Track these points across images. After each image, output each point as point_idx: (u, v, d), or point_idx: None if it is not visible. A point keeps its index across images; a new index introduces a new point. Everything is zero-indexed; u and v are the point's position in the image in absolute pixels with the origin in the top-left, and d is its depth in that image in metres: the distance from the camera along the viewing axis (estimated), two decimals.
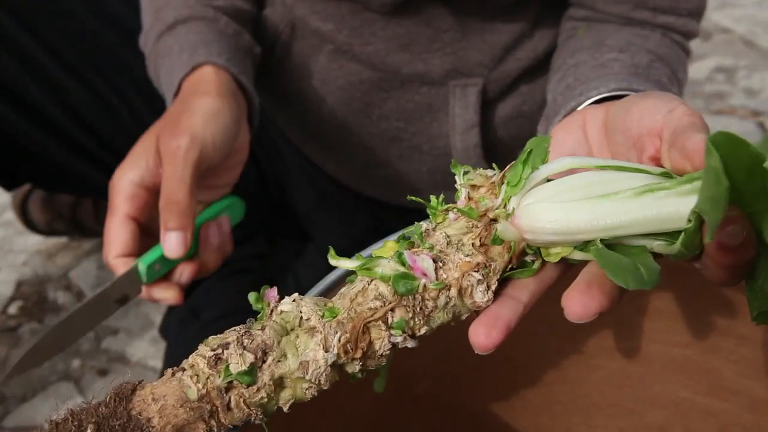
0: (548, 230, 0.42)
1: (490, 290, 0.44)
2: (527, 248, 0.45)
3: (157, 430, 0.40)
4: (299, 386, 0.43)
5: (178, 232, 0.63)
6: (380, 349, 0.43)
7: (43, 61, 0.86)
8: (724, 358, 0.62)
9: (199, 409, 0.41)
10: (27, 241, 1.32)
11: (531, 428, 0.69)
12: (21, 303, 1.23)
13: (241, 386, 0.41)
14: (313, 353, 0.42)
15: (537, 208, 0.43)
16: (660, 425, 0.67)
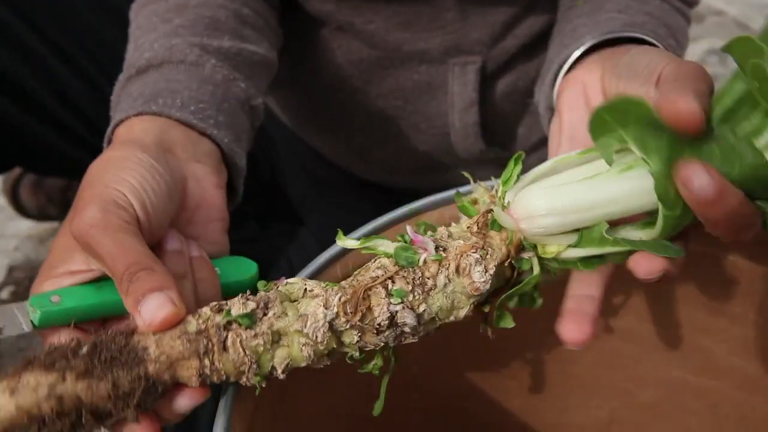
0: (541, 211, 0.44)
1: (487, 273, 0.45)
2: (524, 242, 0.46)
3: (152, 358, 0.41)
4: (296, 342, 0.43)
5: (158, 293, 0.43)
6: (379, 316, 0.44)
7: (35, 46, 0.86)
8: (716, 337, 0.63)
9: (195, 342, 0.42)
10: (18, 226, 1.32)
11: (524, 409, 0.69)
12: (13, 288, 1.23)
13: (240, 327, 0.43)
14: (313, 309, 0.44)
15: (529, 194, 0.45)
16: (652, 404, 0.67)
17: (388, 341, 0.45)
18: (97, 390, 0.40)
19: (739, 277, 0.60)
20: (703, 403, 0.66)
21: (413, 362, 0.65)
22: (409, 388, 0.65)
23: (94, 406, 0.40)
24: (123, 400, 0.40)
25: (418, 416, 0.67)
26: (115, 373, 0.40)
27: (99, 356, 0.40)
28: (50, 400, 0.39)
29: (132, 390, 0.40)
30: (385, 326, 0.44)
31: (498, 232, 0.46)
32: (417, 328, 0.45)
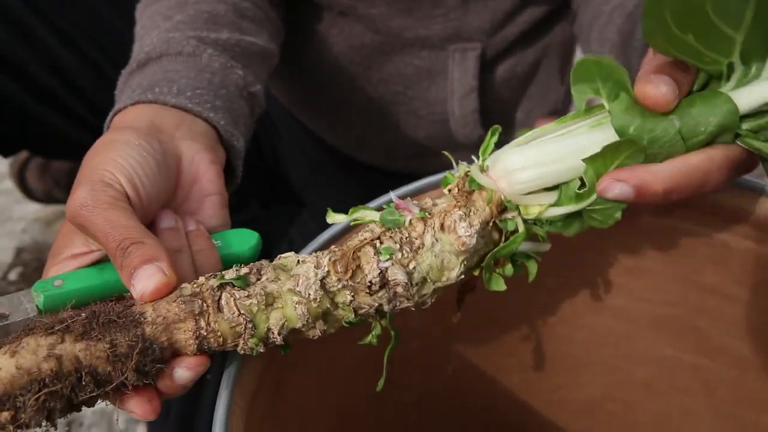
0: (516, 165, 0.46)
1: (472, 227, 0.45)
2: (506, 203, 0.47)
3: (149, 321, 0.42)
4: (290, 301, 0.44)
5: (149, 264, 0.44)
6: (370, 273, 0.45)
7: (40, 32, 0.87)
8: (710, 316, 0.64)
9: (190, 304, 0.43)
10: (26, 209, 1.33)
11: (519, 386, 0.70)
12: (21, 269, 1.24)
13: (234, 288, 0.44)
14: (304, 269, 0.45)
15: (505, 154, 0.47)
16: (645, 382, 0.68)
17: (382, 303, 0.46)
18: (95, 350, 0.40)
19: (732, 258, 0.60)
20: (696, 381, 0.66)
21: (412, 338, 0.66)
22: (407, 365, 0.66)
23: (93, 368, 0.40)
24: (121, 361, 0.40)
25: (416, 393, 0.68)
26: (113, 334, 0.41)
27: (97, 320, 0.41)
28: (49, 361, 0.39)
29: (129, 351, 0.41)
30: (377, 284, 0.45)
31: (479, 193, 0.47)
32: (410, 289, 0.46)
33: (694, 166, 0.44)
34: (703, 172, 0.45)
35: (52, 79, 0.89)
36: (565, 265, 0.64)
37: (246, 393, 0.49)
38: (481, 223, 0.46)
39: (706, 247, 0.61)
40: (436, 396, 0.69)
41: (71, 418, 1.06)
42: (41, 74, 0.88)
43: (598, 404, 0.70)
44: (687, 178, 0.44)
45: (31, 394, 0.39)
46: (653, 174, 0.44)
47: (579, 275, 0.65)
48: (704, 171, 0.45)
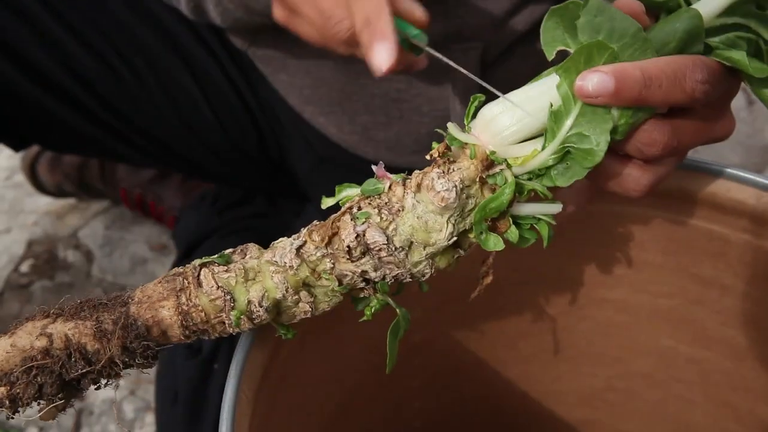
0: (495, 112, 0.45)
1: (450, 182, 0.44)
2: (493, 158, 0.45)
3: (135, 301, 0.44)
4: (267, 271, 0.45)
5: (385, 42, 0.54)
6: (346, 239, 0.44)
7: (49, 24, 0.88)
8: (708, 308, 0.65)
9: (172, 282, 0.45)
10: (37, 203, 1.35)
11: (521, 376, 0.71)
12: (32, 261, 1.26)
13: (214, 264, 0.45)
14: (282, 243, 0.46)
15: (485, 107, 0.46)
16: (645, 373, 0.69)
17: (367, 269, 0.45)
18: (83, 328, 0.43)
19: (730, 250, 0.61)
20: (695, 371, 0.67)
21: (415, 332, 0.67)
22: (411, 356, 0.67)
23: (82, 345, 0.43)
24: (106, 337, 0.43)
25: (420, 381, 0.69)
26: (101, 314, 0.44)
27: (90, 304, 0.44)
28: (42, 339, 0.42)
29: (113, 326, 0.43)
30: (356, 250, 0.44)
31: (462, 152, 0.46)
32: (396, 254, 0.45)
33: (670, 58, 0.45)
34: (679, 63, 0.44)
35: (63, 74, 0.90)
36: (565, 258, 0.65)
37: (253, 382, 0.50)
38: (462, 179, 0.45)
39: (705, 241, 0.62)
40: (438, 385, 0.70)
41: (80, 406, 1.07)
42: (52, 69, 0.89)
43: (599, 394, 0.71)
44: (666, 67, 0.44)
45: (22, 369, 0.42)
46: (630, 63, 0.44)
47: (580, 268, 0.66)
48: (680, 63, 0.45)
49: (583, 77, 0.43)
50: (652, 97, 0.44)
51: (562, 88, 0.44)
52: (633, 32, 0.44)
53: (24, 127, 0.97)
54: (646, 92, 0.44)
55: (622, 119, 0.45)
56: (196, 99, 0.92)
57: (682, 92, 0.45)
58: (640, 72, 0.44)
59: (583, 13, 0.45)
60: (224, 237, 1.00)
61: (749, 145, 1.43)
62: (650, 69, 0.44)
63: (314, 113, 0.90)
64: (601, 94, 0.43)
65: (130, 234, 1.30)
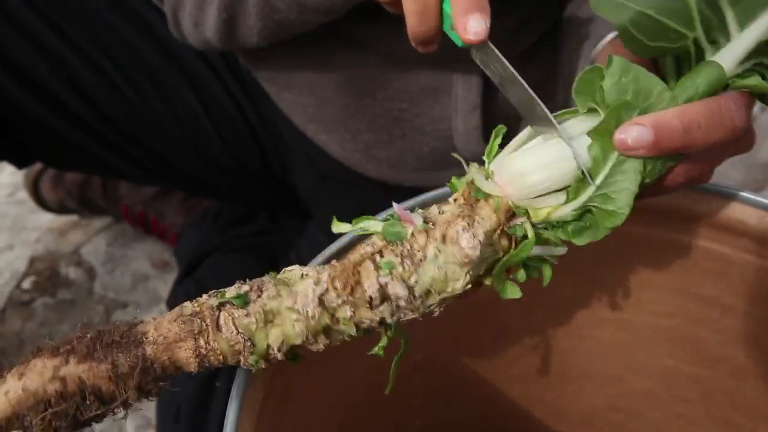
0: (524, 170, 0.45)
1: (476, 239, 0.44)
2: (515, 209, 0.46)
3: (150, 341, 0.43)
4: (288, 319, 0.44)
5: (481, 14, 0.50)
6: (369, 289, 0.44)
7: (52, 42, 0.88)
8: (709, 327, 0.64)
9: (190, 323, 0.43)
10: (39, 219, 1.35)
11: (523, 395, 0.71)
12: (34, 278, 1.26)
13: (233, 307, 0.44)
14: (303, 287, 0.45)
15: (510, 159, 0.46)
16: (646, 392, 0.69)
17: (385, 316, 0.45)
18: (98, 371, 0.41)
19: (731, 270, 0.61)
20: (696, 390, 0.67)
21: (417, 351, 0.67)
22: (413, 375, 0.67)
23: (96, 388, 0.41)
24: (123, 380, 0.42)
25: (421, 400, 0.69)
26: (115, 354, 0.42)
27: (101, 341, 0.42)
28: (54, 382, 0.41)
29: (131, 370, 0.42)
30: (377, 299, 0.44)
31: (486, 202, 0.46)
32: (413, 302, 0.45)
33: (703, 101, 0.44)
34: (714, 102, 0.44)
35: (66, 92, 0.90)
36: (568, 280, 0.65)
37: (255, 402, 0.50)
38: (485, 233, 0.45)
39: (707, 261, 0.62)
40: (440, 404, 0.70)
41: None
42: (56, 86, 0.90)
43: (601, 414, 0.71)
44: (701, 108, 0.44)
45: (37, 414, 0.40)
46: (666, 112, 0.43)
47: (581, 288, 0.66)
48: (715, 102, 0.44)
49: (622, 131, 0.43)
50: (695, 141, 0.44)
51: (593, 149, 0.45)
52: (659, 91, 0.45)
53: (27, 144, 0.97)
54: (688, 138, 0.44)
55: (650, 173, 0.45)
56: (199, 116, 0.93)
57: (723, 128, 0.45)
58: (679, 119, 0.43)
59: (607, 74, 0.45)
60: (226, 254, 1.00)
61: (750, 163, 1.43)
62: (688, 113, 0.44)
63: (317, 131, 0.91)
64: (641, 146, 0.43)
65: (132, 251, 1.30)
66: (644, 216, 0.60)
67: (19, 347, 1.14)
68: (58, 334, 0.71)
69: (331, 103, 0.86)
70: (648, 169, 0.46)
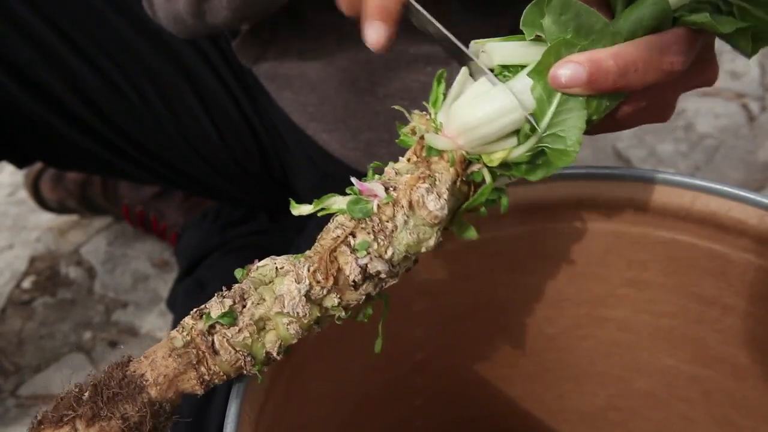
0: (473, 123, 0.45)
1: (441, 198, 0.44)
2: (469, 157, 0.46)
3: (151, 383, 0.42)
4: (281, 323, 0.44)
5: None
6: (351, 274, 0.44)
7: (53, 43, 0.89)
8: (709, 327, 0.64)
9: (186, 356, 0.43)
10: (39, 219, 1.35)
11: (523, 395, 0.71)
12: (34, 278, 1.26)
13: (223, 327, 0.43)
14: (286, 287, 0.44)
15: (457, 110, 0.46)
16: (647, 392, 0.69)
17: (369, 292, 0.45)
18: (110, 428, 0.41)
19: (732, 270, 0.61)
20: (697, 390, 0.67)
21: (417, 351, 0.67)
22: (413, 375, 0.67)
23: None
24: (137, 429, 0.41)
25: (421, 400, 0.69)
26: (121, 408, 0.41)
27: (102, 397, 0.41)
28: None
29: (141, 419, 0.41)
30: (360, 281, 0.44)
31: (439, 156, 0.46)
32: (393, 271, 0.45)
33: (642, 39, 0.44)
34: (653, 41, 0.44)
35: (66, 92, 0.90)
36: (566, 278, 0.65)
37: (255, 403, 0.50)
38: (448, 188, 0.45)
39: (706, 260, 0.62)
40: (440, 404, 0.70)
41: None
42: (56, 87, 0.90)
43: (601, 413, 0.71)
44: (639, 48, 0.44)
45: None
46: (602, 51, 0.43)
47: (581, 287, 0.66)
48: (653, 40, 0.44)
49: (558, 67, 0.43)
50: (629, 83, 0.44)
51: (536, 90, 0.45)
52: (600, 27, 0.44)
53: (27, 144, 0.97)
54: (623, 80, 0.43)
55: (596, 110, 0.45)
56: (199, 116, 0.93)
57: (660, 71, 0.44)
58: (614, 60, 0.43)
59: (547, 11, 0.45)
60: (226, 254, 1.01)
61: (750, 162, 1.43)
62: (624, 54, 0.43)
63: (317, 130, 0.91)
64: (575, 84, 0.43)
65: (132, 250, 1.30)
66: (644, 215, 0.60)
67: (19, 347, 1.14)
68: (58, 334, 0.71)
69: (331, 101, 0.86)
70: (594, 106, 0.45)
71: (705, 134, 1.48)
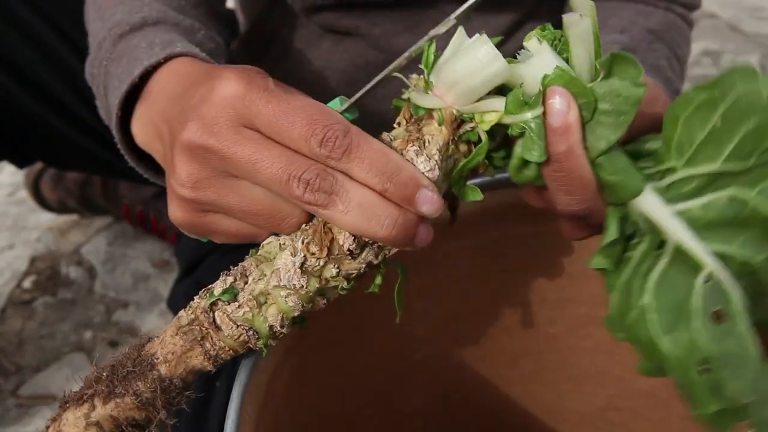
0: (459, 75, 0.44)
1: (432, 160, 0.44)
2: (461, 116, 0.45)
3: (161, 360, 0.44)
4: (279, 296, 0.44)
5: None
6: (345, 243, 0.44)
7: (52, 43, 0.89)
8: None
9: (191, 333, 0.44)
10: (40, 219, 1.35)
11: (524, 395, 0.72)
12: (35, 277, 1.26)
13: (225, 304, 0.44)
14: (282, 261, 0.44)
15: (444, 66, 0.45)
16: (647, 391, 0.69)
17: (370, 260, 0.45)
18: (125, 405, 0.44)
19: None
20: None
21: (417, 350, 0.67)
22: (413, 375, 0.68)
23: (130, 419, 0.44)
24: (150, 404, 0.44)
25: (422, 399, 0.69)
26: (134, 385, 0.44)
27: (117, 376, 0.44)
28: (91, 428, 0.43)
29: (153, 394, 0.44)
30: (356, 249, 0.44)
31: (430, 117, 0.45)
32: None
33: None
34: None
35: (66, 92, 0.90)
36: (567, 278, 0.65)
37: (256, 402, 0.50)
38: (439, 149, 0.44)
39: None
40: (441, 404, 0.70)
41: None
42: (56, 87, 0.90)
43: (601, 413, 0.71)
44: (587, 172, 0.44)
45: None
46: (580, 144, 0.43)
47: (582, 287, 0.66)
48: None
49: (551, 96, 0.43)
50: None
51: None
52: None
53: (28, 144, 0.97)
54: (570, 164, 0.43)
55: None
56: None
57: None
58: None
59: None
60: (226, 254, 1.00)
61: None
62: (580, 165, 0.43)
63: None
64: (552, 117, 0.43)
65: (133, 250, 1.30)
66: None
67: (19, 347, 1.14)
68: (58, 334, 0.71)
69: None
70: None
71: None
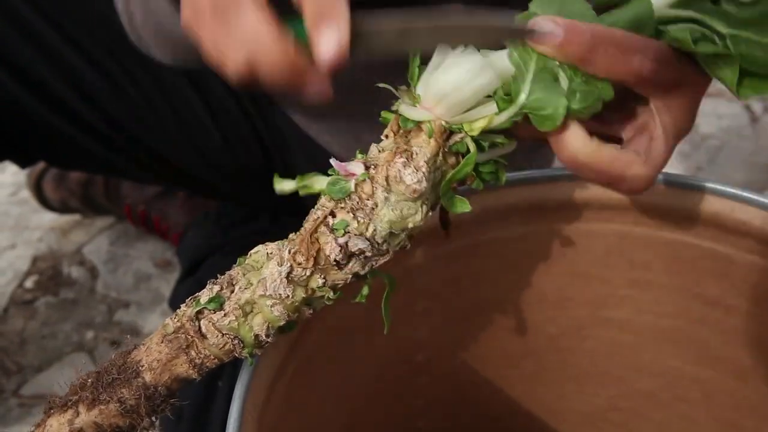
0: (448, 88, 0.44)
1: (419, 172, 0.44)
2: (450, 127, 0.45)
3: (146, 368, 0.44)
4: (265, 305, 0.44)
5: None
6: (331, 254, 0.44)
7: (55, 42, 0.89)
8: (712, 328, 0.64)
9: (176, 341, 0.44)
10: (42, 219, 1.36)
11: (524, 396, 0.72)
12: (37, 277, 1.26)
13: (210, 312, 0.44)
14: (269, 270, 0.44)
15: (432, 78, 0.45)
16: (649, 392, 0.69)
17: (357, 271, 0.45)
18: (108, 412, 0.44)
19: (735, 270, 0.61)
20: (699, 391, 0.67)
21: (418, 352, 0.67)
22: (414, 376, 0.68)
23: (114, 426, 0.44)
24: (134, 411, 0.44)
25: (423, 400, 0.69)
26: (119, 392, 0.44)
27: (103, 382, 0.44)
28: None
29: (137, 401, 0.44)
30: (343, 260, 0.44)
31: (418, 129, 0.45)
32: (379, 248, 0.45)
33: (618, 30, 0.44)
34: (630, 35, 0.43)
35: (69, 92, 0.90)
36: (568, 278, 0.65)
37: (258, 404, 0.50)
38: (427, 161, 0.44)
39: (709, 261, 0.62)
40: (442, 405, 0.70)
41: None
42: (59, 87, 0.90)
43: (602, 414, 0.71)
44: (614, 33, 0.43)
45: None
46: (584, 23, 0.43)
47: (583, 288, 0.66)
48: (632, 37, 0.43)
49: (541, 19, 0.43)
50: (596, 61, 0.43)
51: (512, 56, 0.44)
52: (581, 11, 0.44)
53: (30, 144, 0.97)
54: (591, 54, 0.43)
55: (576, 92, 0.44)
56: (202, 117, 0.93)
57: (628, 66, 0.43)
58: (590, 33, 0.42)
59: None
60: (228, 254, 1.01)
61: (753, 162, 1.43)
62: (600, 33, 0.43)
63: (319, 131, 0.91)
64: (549, 41, 0.42)
65: (135, 250, 1.30)
66: (647, 216, 0.60)
67: (21, 346, 1.14)
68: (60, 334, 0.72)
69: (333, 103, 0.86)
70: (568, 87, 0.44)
71: (708, 135, 1.48)
